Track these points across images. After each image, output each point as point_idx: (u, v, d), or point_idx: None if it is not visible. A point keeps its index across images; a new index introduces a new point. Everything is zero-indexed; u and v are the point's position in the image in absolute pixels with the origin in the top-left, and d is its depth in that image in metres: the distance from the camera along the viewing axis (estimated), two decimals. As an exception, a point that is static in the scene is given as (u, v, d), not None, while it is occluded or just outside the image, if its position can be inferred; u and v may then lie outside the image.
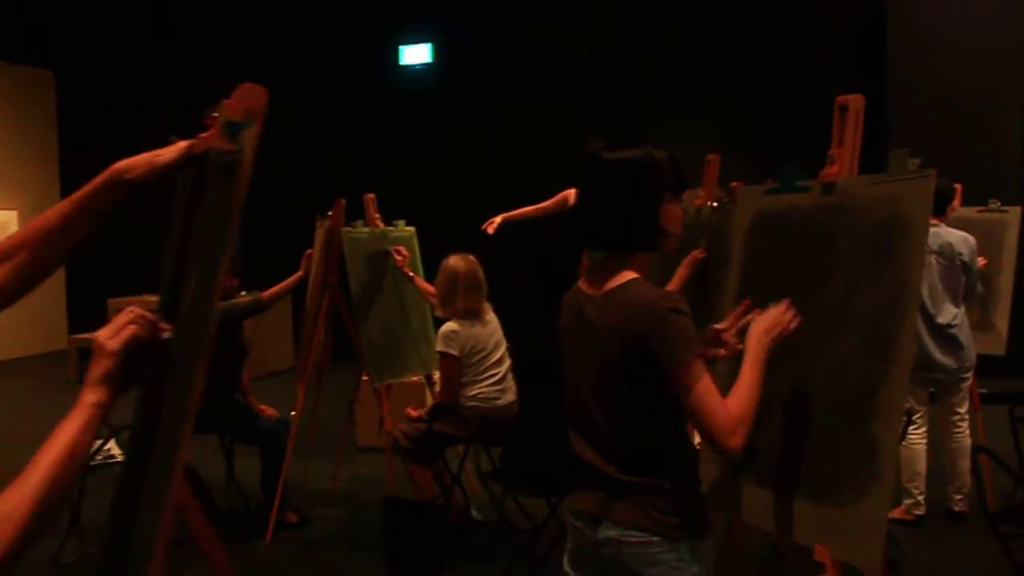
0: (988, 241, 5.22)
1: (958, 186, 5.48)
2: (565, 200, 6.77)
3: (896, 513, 4.92)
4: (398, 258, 5.15)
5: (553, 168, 6.91)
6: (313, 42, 10.69)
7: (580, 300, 2.14)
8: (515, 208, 6.06)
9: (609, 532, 2.06)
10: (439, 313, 4.73)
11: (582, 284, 2.16)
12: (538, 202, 5.91)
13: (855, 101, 2.26)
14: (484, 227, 6.77)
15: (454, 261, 4.67)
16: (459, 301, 4.60)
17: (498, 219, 6.84)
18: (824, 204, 2.25)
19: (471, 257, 4.70)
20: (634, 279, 2.05)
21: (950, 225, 5.01)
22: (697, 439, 2.23)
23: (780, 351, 2.08)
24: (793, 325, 2.11)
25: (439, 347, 4.56)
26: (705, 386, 1.92)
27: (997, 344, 5.13)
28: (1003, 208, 5.27)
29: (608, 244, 2.10)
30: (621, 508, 2.05)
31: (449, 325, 4.59)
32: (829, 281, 2.19)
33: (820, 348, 2.19)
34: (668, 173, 2.08)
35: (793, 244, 2.34)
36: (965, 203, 5.42)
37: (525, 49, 9.93)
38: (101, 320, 1.66)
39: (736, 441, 1.92)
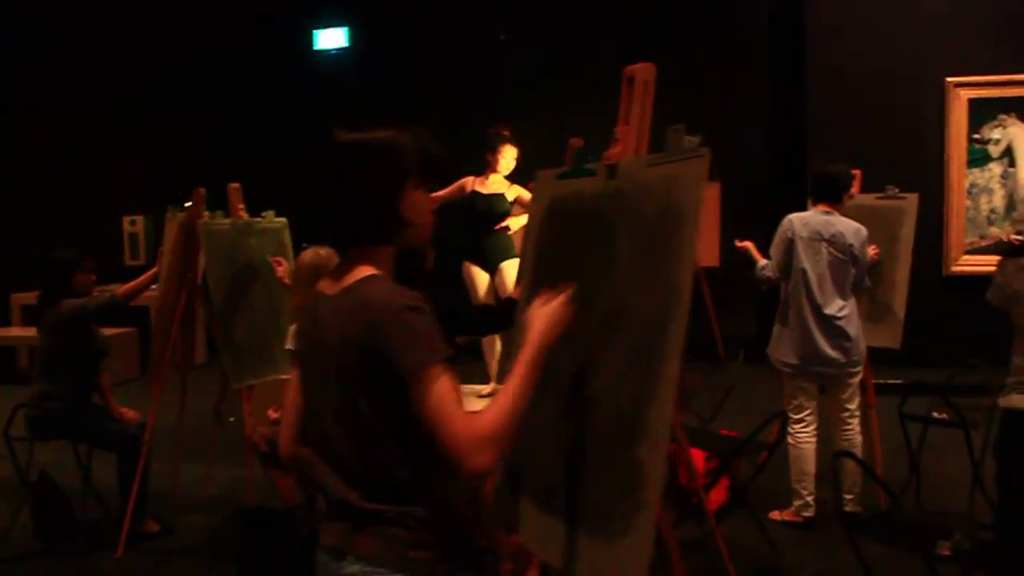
0: (885, 229, 4.99)
1: (856, 172, 5.25)
2: (462, 188, 6.49)
3: (785, 515, 4.71)
4: (279, 269, 4.82)
5: (471, 155, 6.62)
6: (226, 25, 10.30)
7: (317, 301, 1.85)
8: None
9: (352, 568, 1.78)
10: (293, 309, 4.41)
11: (322, 283, 1.87)
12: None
13: (643, 71, 2.00)
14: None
15: (309, 254, 4.35)
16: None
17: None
18: (607, 190, 1.98)
19: (323, 250, 4.38)
20: (371, 275, 1.77)
21: (849, 212, 4.80)
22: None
23: (554, 362, 1.81)
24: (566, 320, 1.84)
25: (288, 345, 4.26)
26: (443, 394, 1.64)
27: (892, 336, 4.90)
28: (901, 195, 5.03)
29: (343, 237, 1.83)
30: (364, 540, 1.78)
31: (303, 323, 4.28)
32: (606, 283, 1.91)
33: (593, 362, 1.91)
34: (411, 158, 1.81)
35: (577, 238, 2.07)
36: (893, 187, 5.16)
37: (443, 33, 9.61)
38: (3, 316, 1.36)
39: (480, 461, 1.63)
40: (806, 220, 4.51)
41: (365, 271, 1.78)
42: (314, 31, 10.27)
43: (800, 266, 4.46)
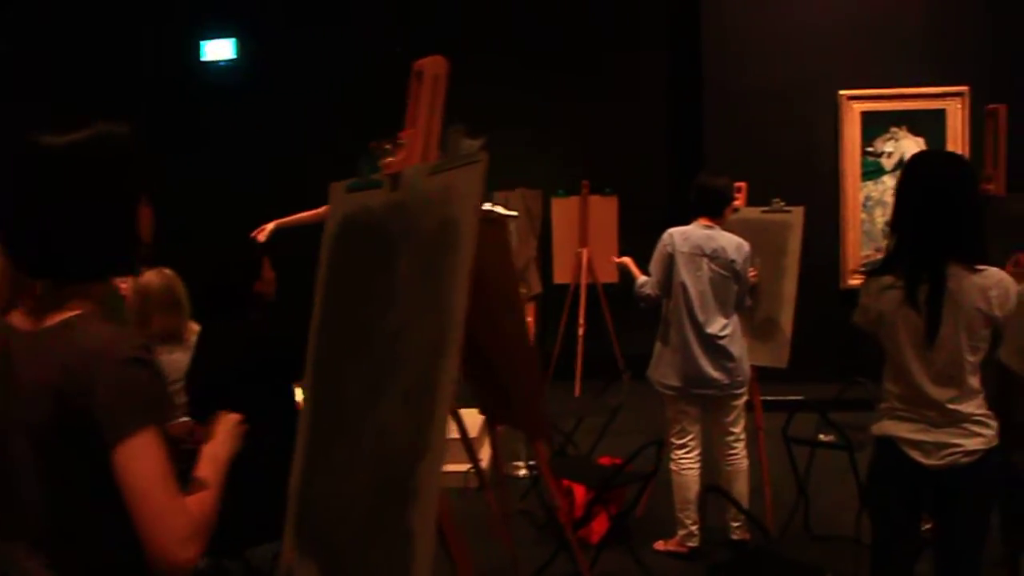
0: (772, 243, 4.82)
1: (741, 185, 5.08)
2: (342, 204, 6.20)
3: (670, 545, 4.48)
4: (123, 286, 4.46)
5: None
6: (107, 36, 9.80)
7: (7, 337, 1.51)
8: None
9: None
10: (134, 337, 4.04)
11: (16, 315, 1.54)
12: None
13: (433, 65, 1.72)
14: (254, 234, 6.13)
15: (148, 276, 4.00)
16: (155, 322, 3.94)
17: (270, 225, 6.22)
18: (391, 203, 1.69)
19: (168, 271, 4.03)
20: (83, 314, 1.45)
21: (732, 226, 4.61)
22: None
23: (343, 403, 1.52)
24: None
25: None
26: (152, 469, 1.33)
27: (779, 356, 4.71)
28: (787, 208, 4.86)
29: (50, 268, 1.50)
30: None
31: (142, 351, 3.92)
32: (387, 312, 1.63)
33: (370, 408, 1.62)
34: (141, 162, 1.49)
35: (364, 259, 1.77)
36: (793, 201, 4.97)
37: (336, 45, 9.27)
38: None
39: (191, 553, 1.34)
40: (687, 235, 4.29)
41: (77, 308, 1.46)
42: (201, 42, 9.84)
43: (680, 283, 4.24)
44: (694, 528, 4.38)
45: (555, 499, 3.62)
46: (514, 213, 5.82)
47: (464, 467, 3.80)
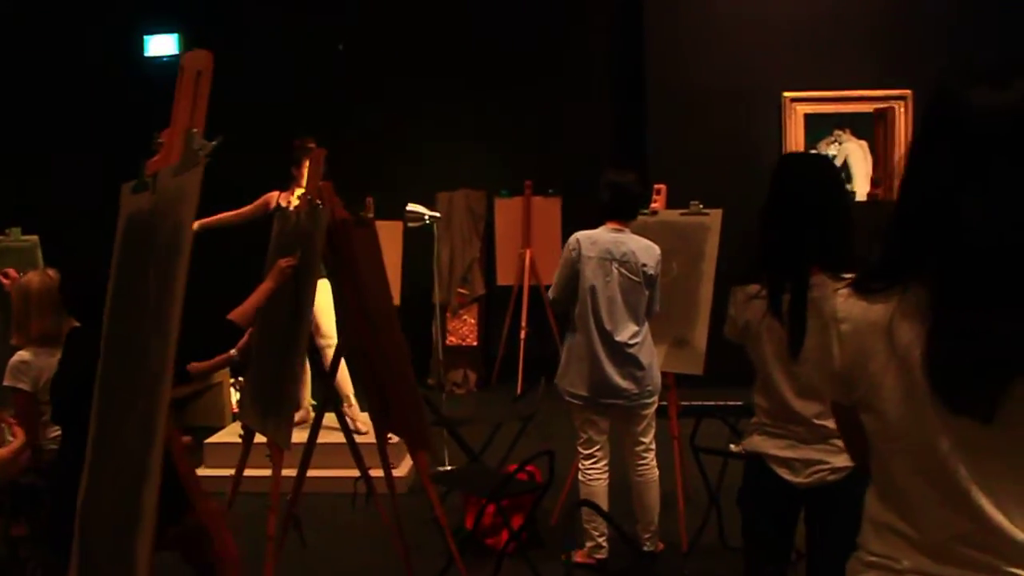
0: (690, 246, 4.71)
1: (660, 187, 4.98)
2: (266, 204, 6.07)
3: (579, 557, 4.36)
4: (6, 282, 4.33)
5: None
6: (50, 31, 9.61)
7: None
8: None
9: None
10: (13, 340, 3.90)
11: None
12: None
13: (195, 59, 1.59)
14: (176, 234, 6.01)
15: (29, 277, 3.87)
16: (33, 325, 3.80)
17: (194, 225, 6.09)
18: (150, 206, 1.56)
19: (51, 272, 3.88)
20: None
21: (653, 229, 4.51)
22: None
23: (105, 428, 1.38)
24: None
25: (7, 381, 3.77)
26: None
27: (695, 362, 4.60)
28: (705, 210, 4.75)
29: None
30: None
31: (20, 355, 3.79)
32: (140, 324, 1.50)
33: (120, 426, 1.50)
34: None
35: (132, 266, 1.64)
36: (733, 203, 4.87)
37: (280, 41, 9.11)
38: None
39: None
40: (594, 239, 4.16)
41: None
42: (145, 37, 9.65)
43: (588, 289, 4.11)
44: (602, 540, 4.26)
45: (436, 510, 3.49)
46: (436, 214, 5.69)
47: (354, 473, 3.65)
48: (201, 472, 5.71)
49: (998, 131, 1.36)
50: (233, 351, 3.63)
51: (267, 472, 3.36)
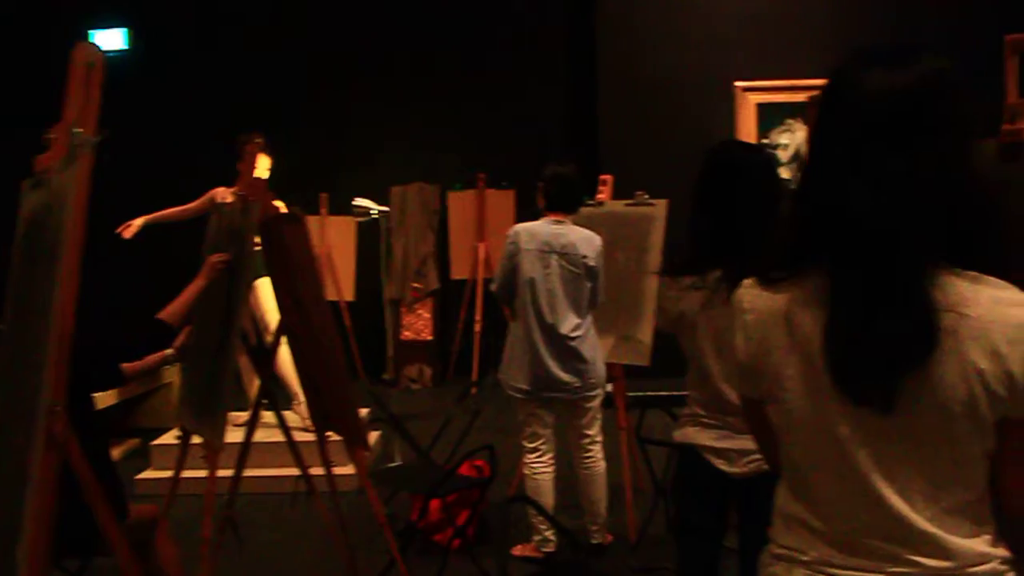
0: (635, 237, 4.69)
1: (607, 177, 4.96)
2: (211, 200, 5.98)
3: (527, 550, 4.33)
4: None
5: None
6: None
7: None
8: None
9: None
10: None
11: None
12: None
13: (84, 52, 1.52)
14: (119, 231, 5.91)
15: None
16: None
17: (138, 221, 6.01)
18: (42, 202, 1.51)
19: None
20: None
21: (598, 220, 4.49)
22: None
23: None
24: None
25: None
26: None
27: (641, 353, 4.58)
28: (650, 201, 4.72)
29: None
30: None
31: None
32: (26, 322, 1.44)
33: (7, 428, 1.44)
34: None
35: (25, 259, 1.59)
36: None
37: (225, 37, 8.98)
38: None
39: None
40: (533, 231, 4.13)
41: None
42: (90, 31, 9.48)
43: (528, 281, 4.08)
44: (548, 533, 4.24)
45: (374, 507, 3.44)
46: (384, 208, 5.64)
47: (294, 472, 3.60)
48: (148, 474, 5.64)
49: (892, 114, 1.33)
50: (169, 350, 3.56)
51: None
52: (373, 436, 6.24)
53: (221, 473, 3.29)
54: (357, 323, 8.53)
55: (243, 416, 5.05)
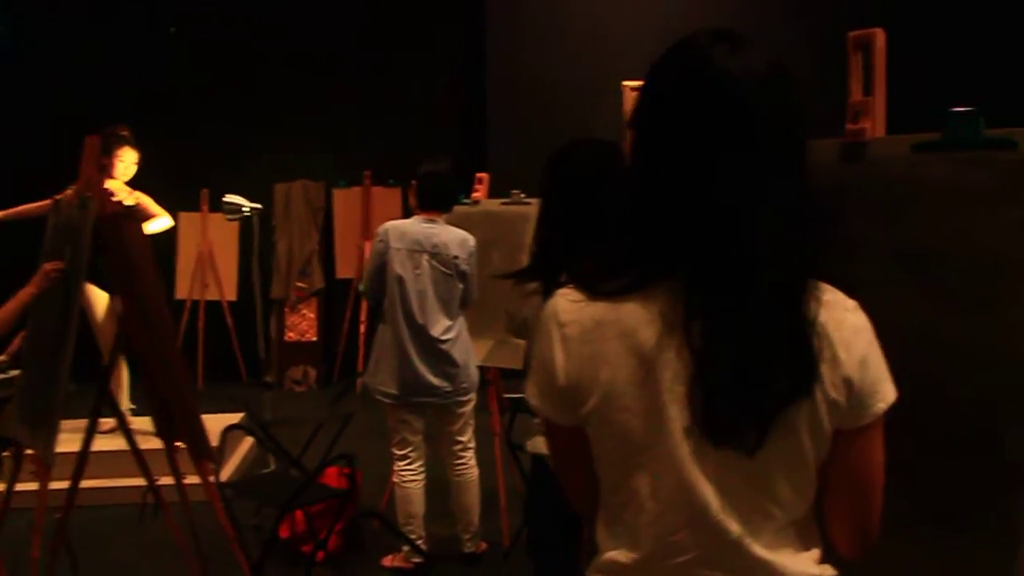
0: (511, 236, 4.58)
1: (483, 176, 4.84)
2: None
3: (397, 561, 4.19)
4: None
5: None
6: None
7: None
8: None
9: None
10: None
11: None
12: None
13: None
14: (-31, 228, 5.58)
15: None
16: None
17: (-3, 216, 5.69)
18: None
19: None
20: None
21: (475, 219, 4.36)
22: None
23: None
24: None
25: None
26: None
27: (516, 356, 4.45)
28: (526, 200, 4.62)
29: None
30: None
31: None
32: None
33: None
34: None
35: None
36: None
37: (104, 25, 8.58)
38: None
39: None
40: (403, 230, 3.98)
41: None
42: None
43: (396, 281, 3.93)
44: (419, 543, 4.10)
45: (222, 521, 3.26)
46: (257, 205, 5.41)
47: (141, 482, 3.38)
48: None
49: (747, 103, 1.22)
50: (3, 356, 3.33)
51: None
52: (248, 442, 6.01)
53: (56, 485, 3.06)
54: (241, 324, 8.24)
55: (109, 423, 4.77)
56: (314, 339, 8.37)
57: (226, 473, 5.48)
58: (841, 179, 1.76)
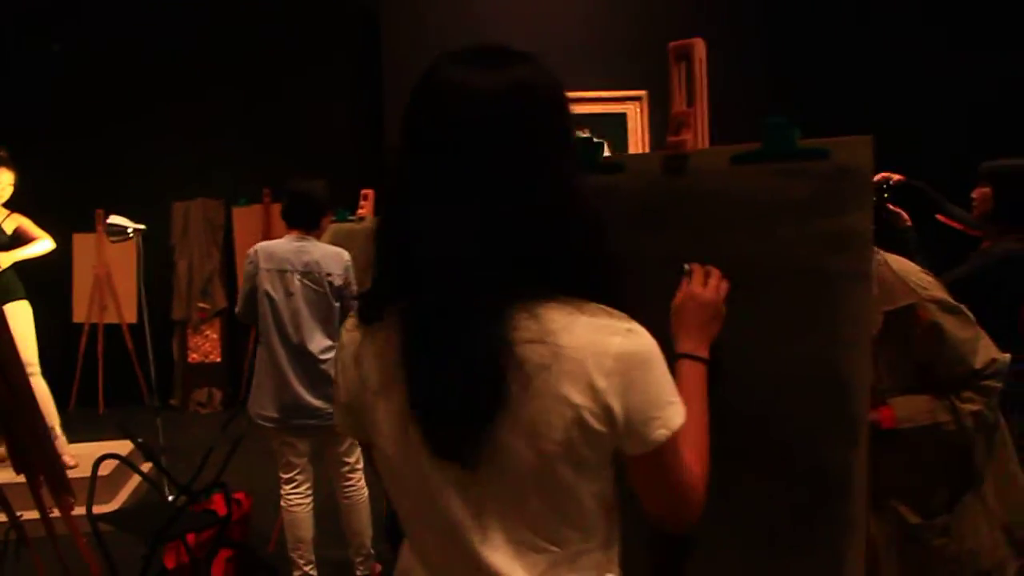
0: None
1: (368, 192, 4.78)
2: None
3: (285, 589, 4.08)
4: None
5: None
6: None
7: None
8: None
9: None
10: None
11: None
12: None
13: None
14: None
15: None
16: None
17: None
18: None
19: None
20: None
21: (357, 237, 4.29)
22: None
23: None
24: None
25: None
26: None
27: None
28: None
29: None
30: None
31: None
32: None
33: None
34: None
35: None
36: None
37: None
38: None
39: None
40: (272, 249, 3.89)
41: None
42: None
43: (268, 303, 3.84)
44: (308, 568, 4.01)
45: (85, 557, 3.13)
46: (140, 226, 5.26)
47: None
48: None
49: (476, 123, 1.19)
50: None
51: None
52: (146, 467, 5.84)
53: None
54: (142, 346, 8.02)
55: None
56: (218, 360, 8.19)
57: (118, 503, 5.32)
58: (665, 192, 1.74)
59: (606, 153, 2.10)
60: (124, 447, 5.37)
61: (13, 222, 5.41)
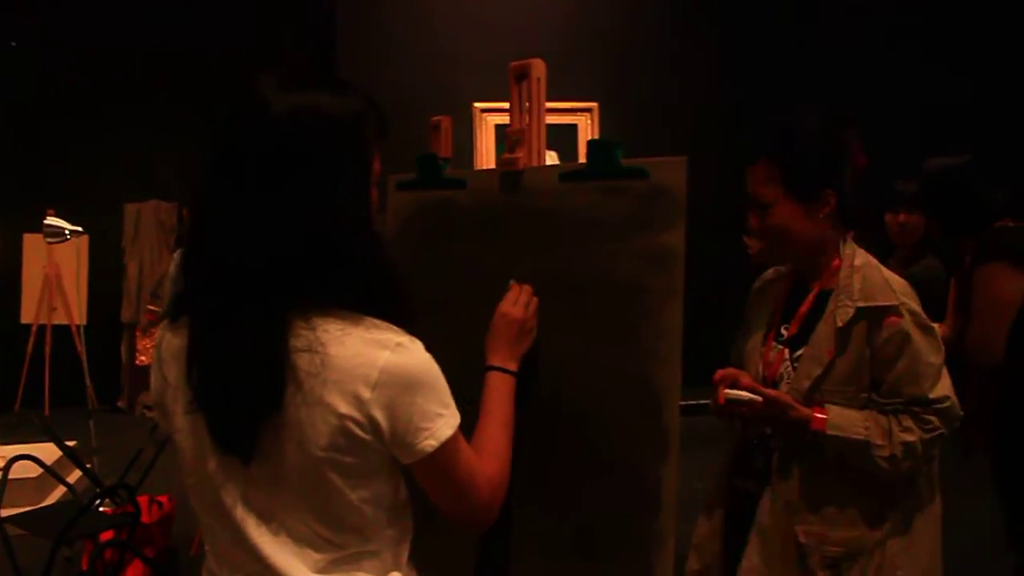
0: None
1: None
2: None
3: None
4: None
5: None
6: None
7: None
8: None
9: None
10: None
11: None
12: None
13: None
14: None
15: None
16: None
17: None
18: None
19: None
20: None
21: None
22: None
23: None
24: None
25: None
26: None
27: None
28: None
29: None
30: None
31: None
32: None
33: None
34: None
35: None
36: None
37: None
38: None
39: None
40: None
41: None
42: None
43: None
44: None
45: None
46: (78, 228, 5.27)
47: None
48: None
49: (264, 140, 1.25)
50: None
51: None
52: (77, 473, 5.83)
53: None
54: (92, 348, 8.00)
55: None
56: (167, 363, 8.17)
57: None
58: (501, 207, 1.80)
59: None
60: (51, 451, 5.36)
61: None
